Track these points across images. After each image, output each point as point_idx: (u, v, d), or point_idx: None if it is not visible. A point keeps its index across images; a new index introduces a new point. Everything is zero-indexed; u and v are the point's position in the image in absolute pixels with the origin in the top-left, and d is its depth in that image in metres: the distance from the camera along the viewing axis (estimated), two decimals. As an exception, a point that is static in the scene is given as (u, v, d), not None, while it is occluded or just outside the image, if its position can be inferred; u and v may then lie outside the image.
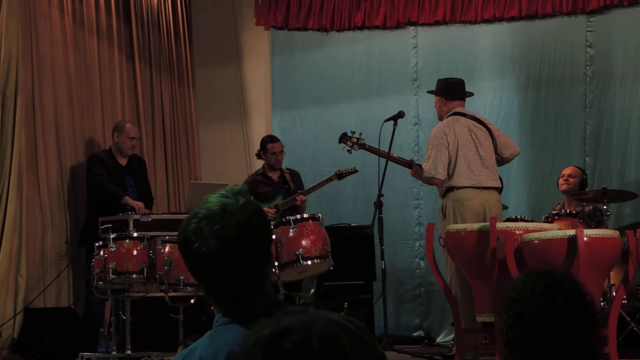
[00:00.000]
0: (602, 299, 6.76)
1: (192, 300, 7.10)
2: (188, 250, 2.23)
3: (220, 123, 10.33)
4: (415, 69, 9.71)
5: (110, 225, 7.59)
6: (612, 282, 6.90)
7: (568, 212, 7.51)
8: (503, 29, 9.46)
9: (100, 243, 7.24)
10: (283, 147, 8.81)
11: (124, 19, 9.47)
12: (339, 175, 8.58)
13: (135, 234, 7.36)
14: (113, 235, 7.22)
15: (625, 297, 6.78)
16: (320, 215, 7.23)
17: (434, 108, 7.70)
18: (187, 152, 10.05)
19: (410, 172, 7.52)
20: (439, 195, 7.41)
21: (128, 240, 7.23)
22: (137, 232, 7.51)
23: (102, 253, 7.16)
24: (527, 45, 9.39)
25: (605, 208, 7.57)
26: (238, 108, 10.28)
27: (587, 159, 9.06)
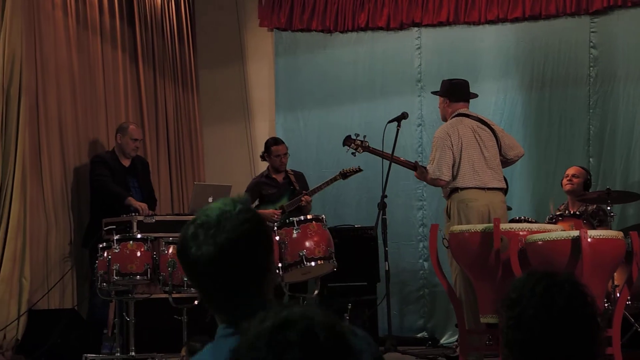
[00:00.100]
0: (606, 300, 6.74)
1: (195, 302, 7.08)
2: (185, 256, 2.23)
3: (224, 124, 10.32)
4: (419, 70, 9.70)
5: (114, 227, 7.59)
6: (616, 283, 6.88)
7: (572, 212, 7.50)
8: (507, 30, 9.45)
9: (104, 244, 7.24)
10: (287, 149, 8.80)
11: (128, 21, 9.47)
12: (344, 175, 8.57)
13: (139, 236, 7.36)
14: (117, 237, 7.22)
15: (629, 298, 6.76)
16: (324, 217, 7.24)
17: (438, 109, 7.69)
18: (190, 153, 10.04)
19: (415, 174, 7.50)
20: (444, 197, 7.40)
21: (132, 242, 7.22)
22: (140, 233, 7.49)
23: (105, 254, 7.16)
24: (530, 46, 9.38)
25: (609, 209, 7.56)
26: (241, 109, 10.27)
27: (590, 160, 9.05)
